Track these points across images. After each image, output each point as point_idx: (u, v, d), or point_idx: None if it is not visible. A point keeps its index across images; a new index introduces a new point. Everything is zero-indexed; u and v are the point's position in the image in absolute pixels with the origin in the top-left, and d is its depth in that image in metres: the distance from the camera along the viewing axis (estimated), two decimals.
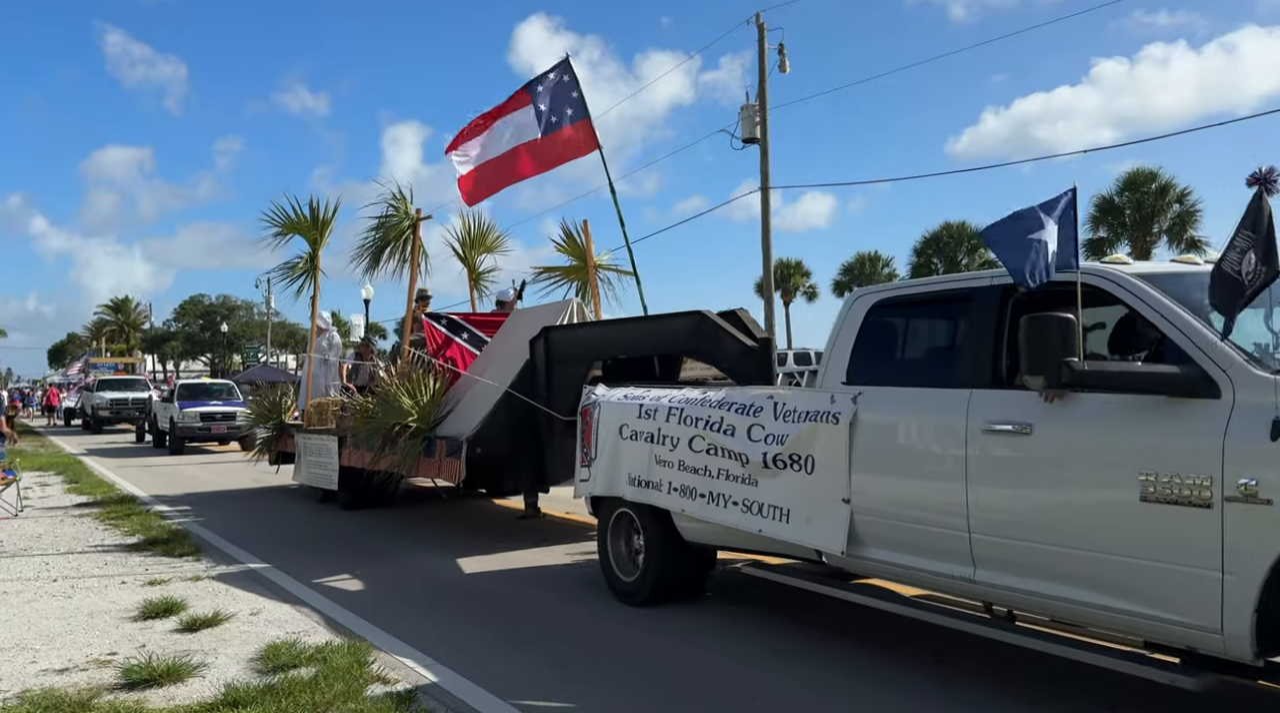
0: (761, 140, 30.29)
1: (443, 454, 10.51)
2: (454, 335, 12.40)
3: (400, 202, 12.43)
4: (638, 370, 10.38)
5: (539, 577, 9.08)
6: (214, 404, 27.79)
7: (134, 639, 6.92)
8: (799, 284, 62.25)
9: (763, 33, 30.32)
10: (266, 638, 6.83)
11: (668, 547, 7.57)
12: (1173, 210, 49.90)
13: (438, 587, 8.79)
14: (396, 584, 8.91)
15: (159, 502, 15.05)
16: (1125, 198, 50.31)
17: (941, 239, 57.56)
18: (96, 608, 7.92)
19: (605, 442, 8.00)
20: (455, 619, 7.57)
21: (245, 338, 74.23)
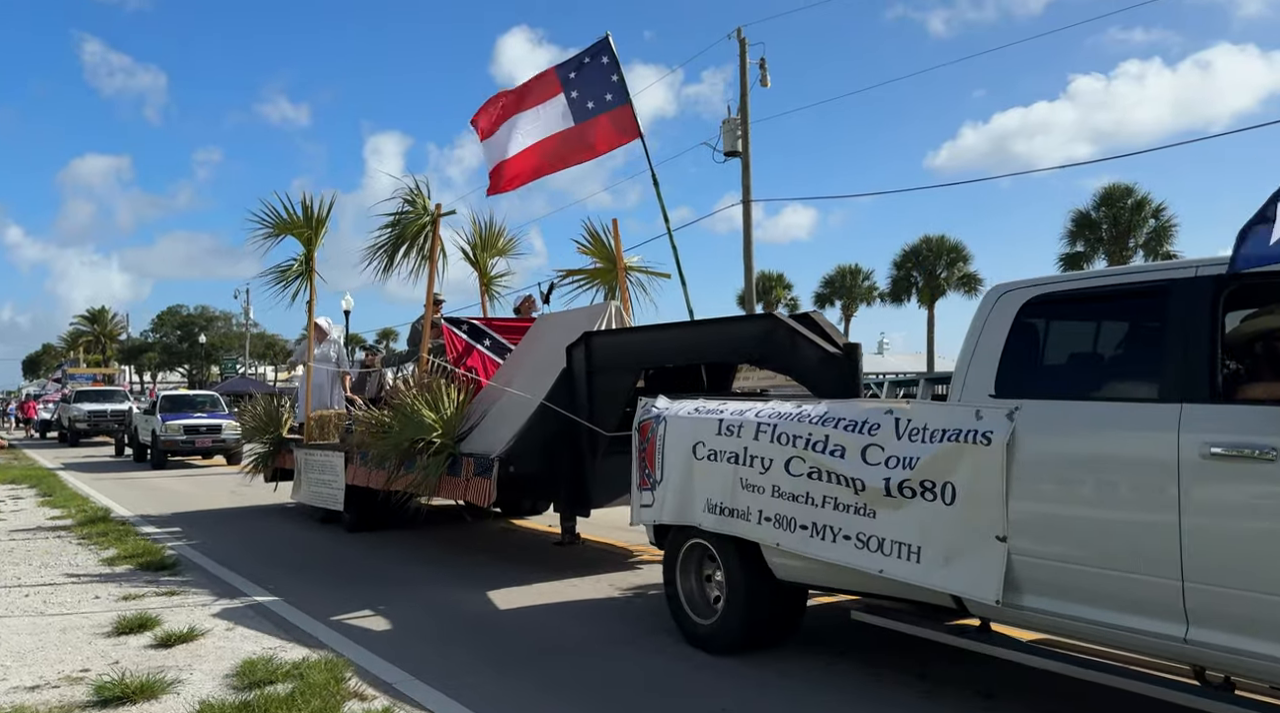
0: (743, 154, 29.90)
1: (470, 473, 9.34)
2: (475, 342, 11.23)
3: (418, 196, 11.22)
4: (681, 380, 9.27)
5: (585, 613, 7.93)
6: (199, 416, 26.37)
7: (107, 656, 6.68)
8: (780, 296, 61.34)
9: (744, 48, 29.91)
10: (242, 654, 6.58)
11: (756, 585, 6.43)
12: (1149, 225, 49.83)
13: (468, 624, 7.65)
14: (412, 618, 7.80)
15: (145, 521, 13.76)
16: (1102, 213, 50.16)
17: (921, 252, 56.90)
18: (70, 624, 7.60)
19: (674, 462, 6.87)
20: (491, 669, 6.41)
21: (223, 349, 72.36)
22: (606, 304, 9.80)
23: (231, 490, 18.90)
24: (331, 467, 12.09)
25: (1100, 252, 50.14)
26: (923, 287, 56.69)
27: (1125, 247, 49.56)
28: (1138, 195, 49.94)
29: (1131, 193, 50.10)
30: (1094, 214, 50.45)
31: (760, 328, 7.45)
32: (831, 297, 59.83)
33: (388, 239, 11.28)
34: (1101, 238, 50.28)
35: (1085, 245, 50.68)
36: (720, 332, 7.93)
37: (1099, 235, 50.32)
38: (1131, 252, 49.49)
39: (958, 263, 56.65)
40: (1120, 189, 50.24)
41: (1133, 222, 49.93)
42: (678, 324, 8.18)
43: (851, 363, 7.01)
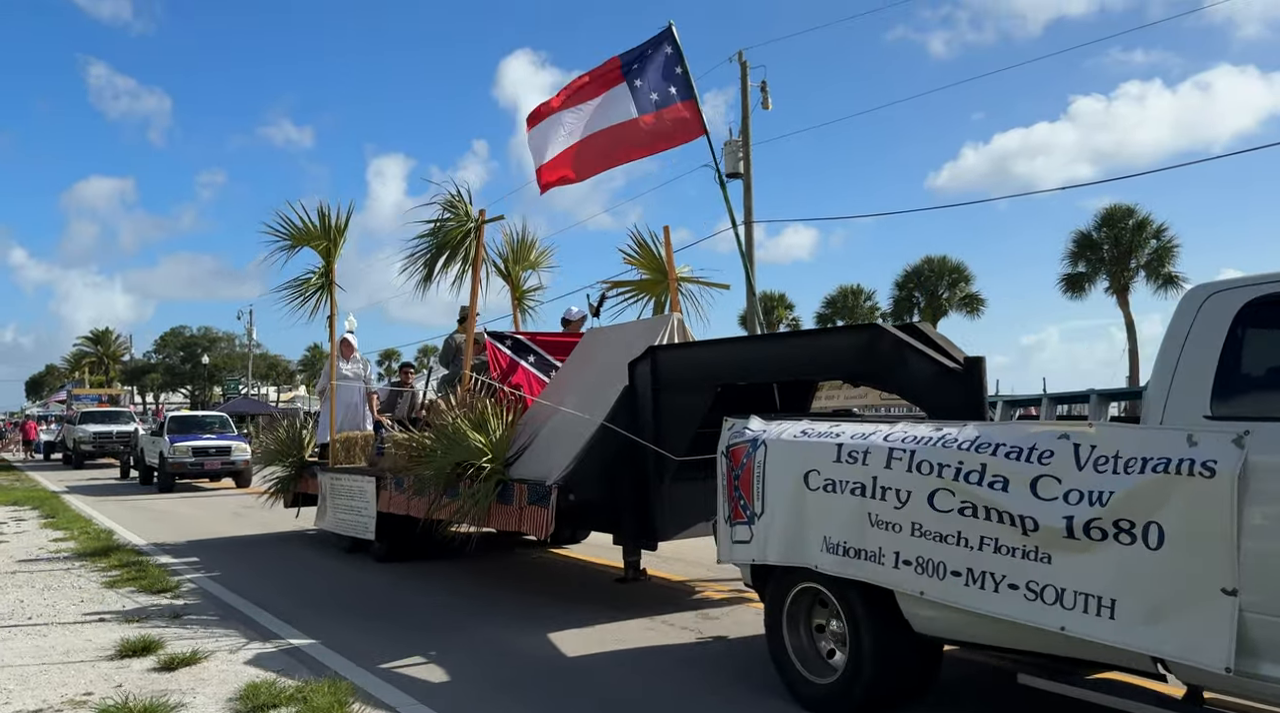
0: (745, 175, 29.66)
1: (523, 501, 8.37)
2: (520, 358, 10.27)
3: (459, 202, 10.26)
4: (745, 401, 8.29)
5: (657, 662, 6.93)
6: (208, 438, 25.34)
7: (110, 679, 6.54)
8: (782, 316, 60.45)
9: (745, 70, 29.77)
10: (245, 678, 6.41)
11: (887, 638, 5.45)
12: (1150, 246, 49.17)
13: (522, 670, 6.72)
14: (457, 663, 6.90)
15: (159, 550, 12.73)
16: (1103, 233, 49.62)
17: (923, 273, 56.17)
18: (73, 647, 7.45)
19: (779, 493, 5.91)
20: None
21: (226, 370, 71.13)
22: (668, 316, 8.86)
23: (235, 513, 18.39)
24: (361, 493, 11.10)
25: (1102, 272, 49.55)
26: (924, 307, 55.86)
27: (1127, 267, 49.01)
28: (1139, 216, 49.40)
29: (1133, 213, 49.54)
30: (1095, 235, 49.92)
31: (861, 340, 6.50)
32: (833, 317, 58.89)
33: (427, 248, 10.30)
34: (1103, 258, 49.72)
35: (1087, 266, 50.12)
36: (813, 345, 6.99)
37: (1100, 256, 49.77)
38: (1133, 272, 48.97)
39: (959, 283, 55.91)
40: (1121, 210, 49.70)
41: (1134, 242, 49.36)
42: (762, 337, 7.25)
43: (974, 379, 6.08)
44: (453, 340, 12.01)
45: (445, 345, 12.08)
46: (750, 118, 29.93)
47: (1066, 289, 50.86)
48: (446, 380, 11.20)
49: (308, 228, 11.93)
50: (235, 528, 15.84)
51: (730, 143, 30.17)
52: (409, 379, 12.64)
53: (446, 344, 12.05)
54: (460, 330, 12.15)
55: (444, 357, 12.05)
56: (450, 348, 11.97)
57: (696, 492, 8.19)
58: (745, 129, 29.76)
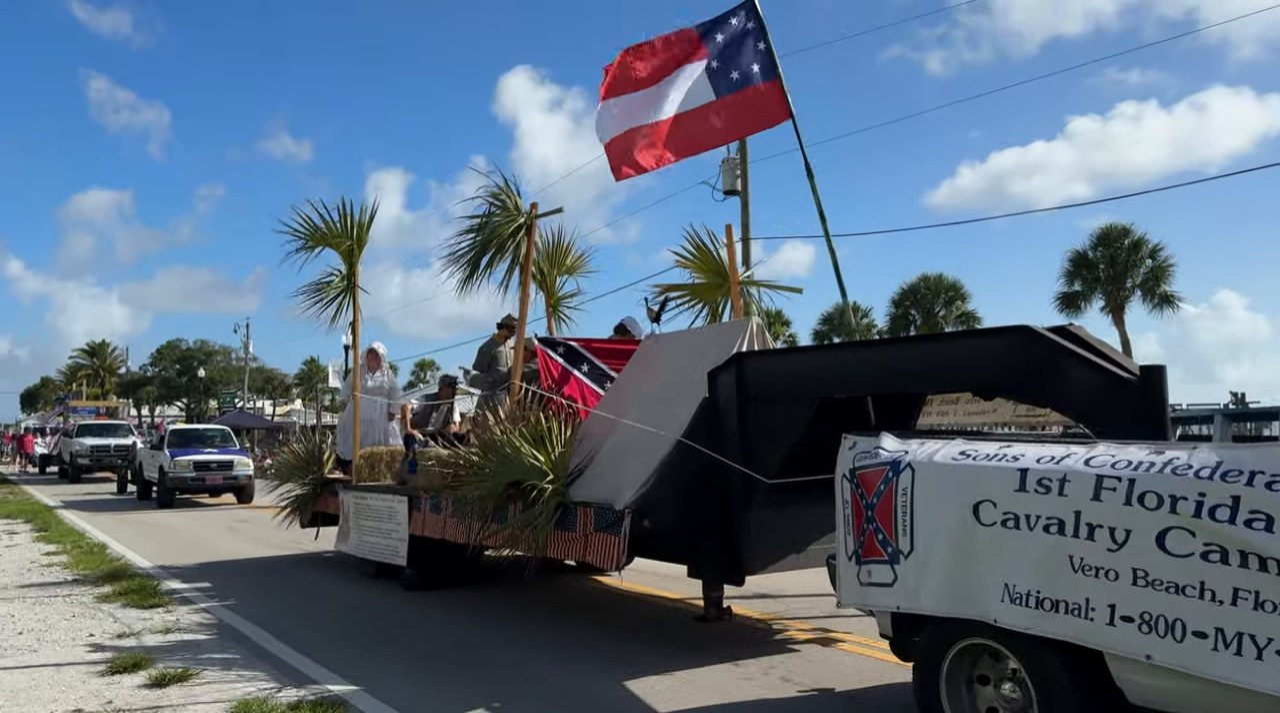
0: (742, 193, 28.99)
1: (589, 527, 7.26)
2: (572, 367, 9.16)
3: (508, 195, 9.14)
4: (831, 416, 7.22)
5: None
6: (209, 452, 24.08)
7: (100, 695, 6.37)
8: (779, 333, 59.31)
9: None
10: (238, 694, 6.22)
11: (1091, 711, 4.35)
12: (1145, 265, 48.54)
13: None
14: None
15: (168, 574, 11.53)
16: (1099, 253, 48.91)
17: (919, 291, 55.28)
18: (63, 662, 7.25)
19: (935, 527, 4.83)
20: None
21: (222, 383, 69.57)
22: (745, 320, 7.76)
23: (230, 527, 17.68)
24: (391, 514, 9.96)
25: (1098, 291, 48.84)
26: (921, 325, 54.96)
27: (1123, 287, 48.39)
28: (1135, 236, 48.73)
29: (1129, 233, 48.89)
30: (1091, 254, 49.23)
31: (1007, 345, 5.44)
32: (830, 334, 57.86)
33: (471, 246, 9.17)
34: (1099, 278, 49.02)
35: (1083, 285, 49.37)
36: (946, 351, 5.90)
37: (1096, 275, 49.07)
38: (1129, 292, 48.33)
39: (956, 301, 55.02)
40: (1117, 229, 49.05)
41: (1130, 262, 48.75)
42: (879, 343, 6.18)
43: (1153, 392, 5.05)
44: (490, 347, 10.91)
45: (480, 353, 10.95)
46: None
47: (1062, 308, 49.99)
48: (489, 391, 10.07)
49: (328, 227, 10.82)
50: (234, 543, 14.91)
51: (728, 160, 29.46)
52: (448, 394, 11.44)
53: (482, 352, 10.93)
54: (498, 336, 11.05)
55: (479, 364, 10.92)
56: (485, 355, 10.86)
57: (786, 519, 7.14)
58: (743, 146, 29.20)
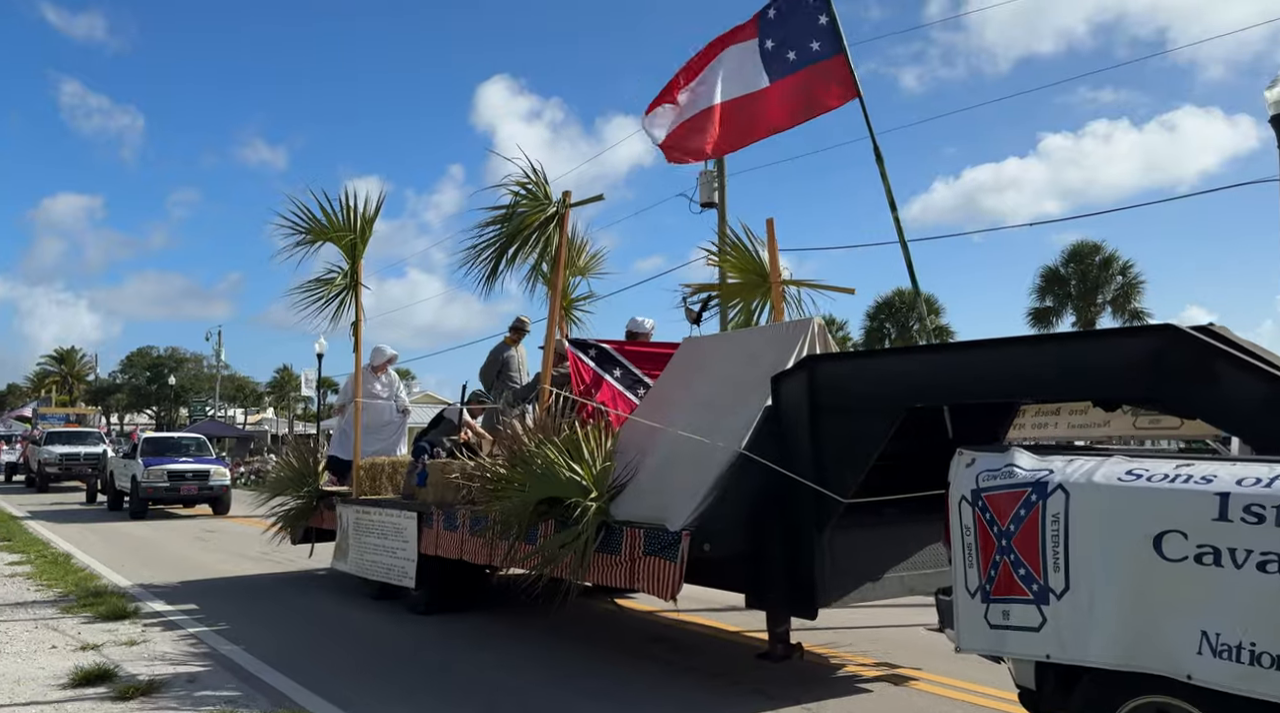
0: (719, 205, 28.44)
1: (637, 551, 6.35)
2: (604, 371, 8.25)
3: (537, 183, 8.21)
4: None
5: None
6: (184, 461, 22.85)
7: (63, 709, 6.08)
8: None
9: None
10: (203, 709, 6.00)
11: None
12: (1116, 282, 48.46)
13: None
14: None
15: (151, 595, 10.47)
16: (1070, 269, 48.83)
17: (894, 304, 54.83)
18: (24, 675, 6.92)
19: (1098, 561, 4.00)
20: None
21: (193, 391, 67.70)
22: (806, 320, 6.90)
23: (206, 540, 16.76)
24: (398, 531, 9.00)
25: (1069, 307, 48.67)
26: (895, 338, 54.50)
27: (1093, 303, 48.23)
28: (1105, 252, 48.70)
29: (1099, 250, 48.86)
30: (1063, 270, 49.17)
31: (1150, 347, 4.62)
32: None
33: (496, 237, 8.23)
34: (1070, 294, 48.92)
35: (1054, 301, 49.22)
36: (1072, 354, 5.05)
37: (1068, 291, 48.98)
38: (1100, 308, 48.15)
39: (930, 316, 54.65)
40: (1088, 246, 49.01)
41: (1100, 278, 48.72)
42: (988, 344, 5.33)
43: None
44: (500, 352, 10.00)
45: (489, 358, 10.02)
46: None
47: (1034, 323, 49.73)
48: (518, 397, 9.14)
49: (331, 220, 9.87)
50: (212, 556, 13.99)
51: (705, 172, 29.04)
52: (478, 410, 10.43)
53: (491, 356, 10.00)
54: (509, 340, 10.14)
55: (486, 370, 9.98)
56: (495, 361, 9.94)
57: (860, 543, 6.28)
58: (720, 160, 28.83)
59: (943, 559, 6.65)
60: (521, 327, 10.18)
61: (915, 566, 6.48)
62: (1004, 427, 6.28)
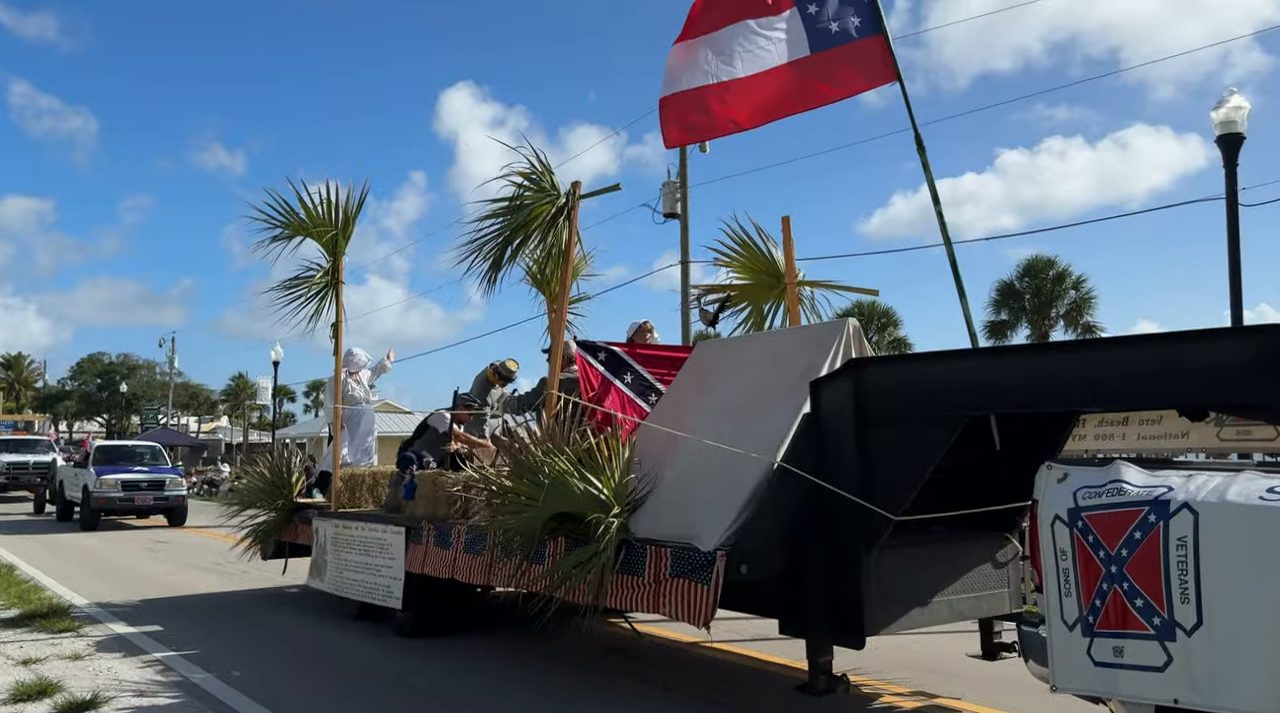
0: (682, 216, 28.12)
1: (663, 572, 5.72)
2: (613, 376, 7.61)
3: (544, 172, 7.54)
4: None
5: None
6: (139, 470, 21.80)
7: None
8: None
9: None
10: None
11: None
12: (1069, 296, 48.82)
13: None
14: None
15: (111, 615, 9.62)
16: (1025, 283, 49.09)
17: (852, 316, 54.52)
18: None
19: (1238, 593, 3.48)
20: None
21: (145, 399, 65.85)
22: (840, 322, 6.34)
23: (162, 553, 15.92)
24: (383, 547, 8.29)
25: (1024, 321, 48.87)
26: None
27: (1047, 317, 48.48)
28: (1059, 267, 49.06)
29: (1053, 265, 49.20)
30: (1018, 284, 49.41)
31: (1259, 348, 4.10)
32: None
33: (497, 231, 7.54)
34: (1024, 307, 49.15)
35: (1009, 314, 49.37)
36: (1163, 356, 4.50)
37: (1022, 305, 49.21)
38: (1053, 322, 48.37)
39: (888, 327, 54.58)
40: (1043, 261, 49.33)
41: (1054, 292, 49.04)
42: (1066, 345, 4.78)
43: None
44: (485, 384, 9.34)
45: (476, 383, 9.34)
46: (689, 159, 28.74)
47: (989, 336, 49.73)
48: (523, 403, 8.46)
49: (311, 215, 9.15)
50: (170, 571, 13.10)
51: (669, 183, 28.72)
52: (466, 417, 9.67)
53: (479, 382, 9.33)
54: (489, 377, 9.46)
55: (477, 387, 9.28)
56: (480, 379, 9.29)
57: (908, 565, 5.70)
58: (683, 171, 28.38)
59: (993, 581, 6.15)
60: (507, 374, 9.42)
61: (964, 588, 5.92)
62: (1061, 437, 5.73)
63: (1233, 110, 11.07)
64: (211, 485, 39.72)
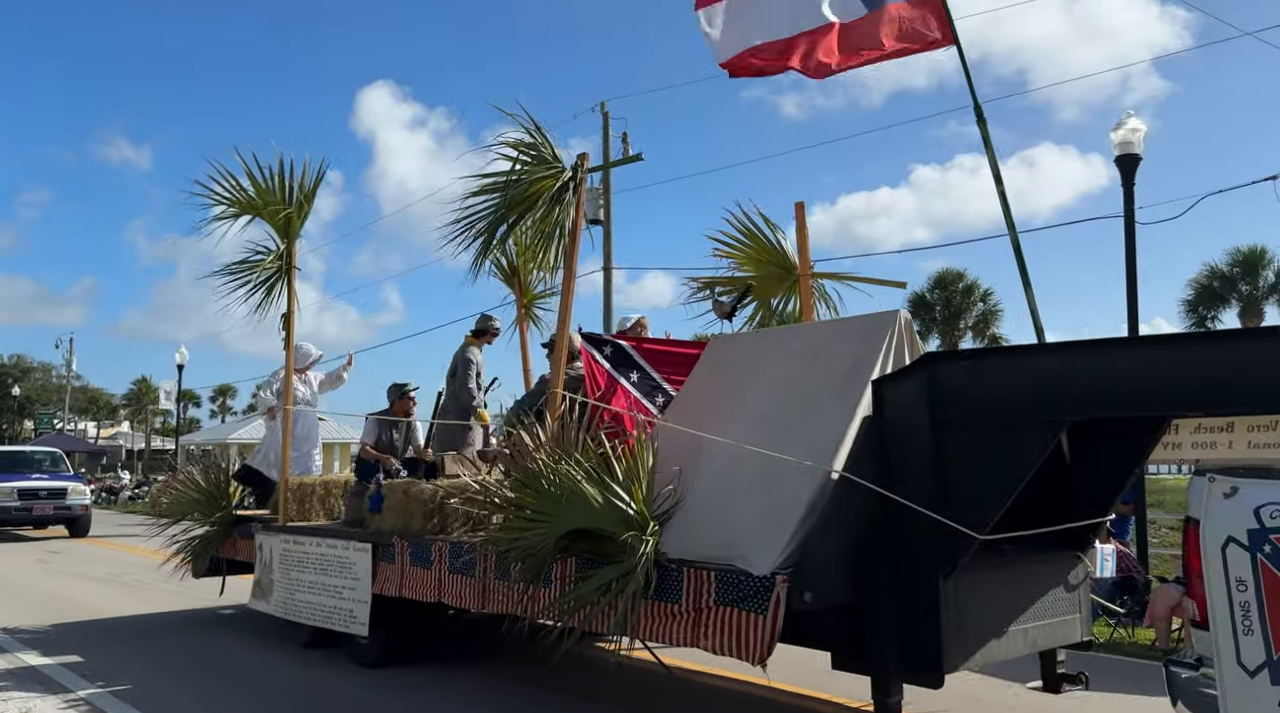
0: (605, 222, 27.66)
1: (705, 599, 4.86)
2: (620, 375, 6.72)
3: (544, 144, 6.56)
4: None
5: None
6: (37, 477, 20.04)
7: None
8: None
9: (607, 120, 27.70)
10: None
11: None
12: (977, 309, 49.74)
13: None
14: None
15: (20, 644, 8.35)
16: (936, 295, 49.78)
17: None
18: None
19: None
20: None
21: (40, 402, 62.25)
22: (891, 315, 5.55)
23: (40, 559, 14.86)
24: (344, 565, 7.25)
25: (934, 332, 49.37)
26: None
27: (957, 328, 49.18)
28: (968, 280, 49.90)
29: (963, 278, 50.02)
30: (929, 296, 50.05)
31: None
32: None
33: (489, 209, 6.57)
34: (935, 319, 49.77)
35: (921, 325, 49.81)
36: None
37: (934, 316, 49.83)
38: (962, 333, 49.11)
39: None
40: (952, 274, 50.13)
41: (963, 305, 49.91)
42: (1201, 337, 4.08)
43: None
44: (473, 356, 8.37)
45: (465, 363, 8.36)
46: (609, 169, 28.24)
47: None
48: (520, 405, 7.48)
49: (261, 192, 8.08)
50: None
51: (592, 190, 28.17)
52: (410, 407, 8.68)
53: (466, 361, 8.35)
54: (471, 342, 8.51)
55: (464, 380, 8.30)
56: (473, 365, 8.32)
57: (984, 589, 4.94)
58: (606, 177, 27.87)
59: (1065, 606, 5.43)
60: (488, 328, 8.53)
61: (1038, 615, 5.19)
62: (1148, 445, 5.06)
63: (1130, 132, 11.25)
64: (111, 493, 37.49)
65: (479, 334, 8.47)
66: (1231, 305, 40.38)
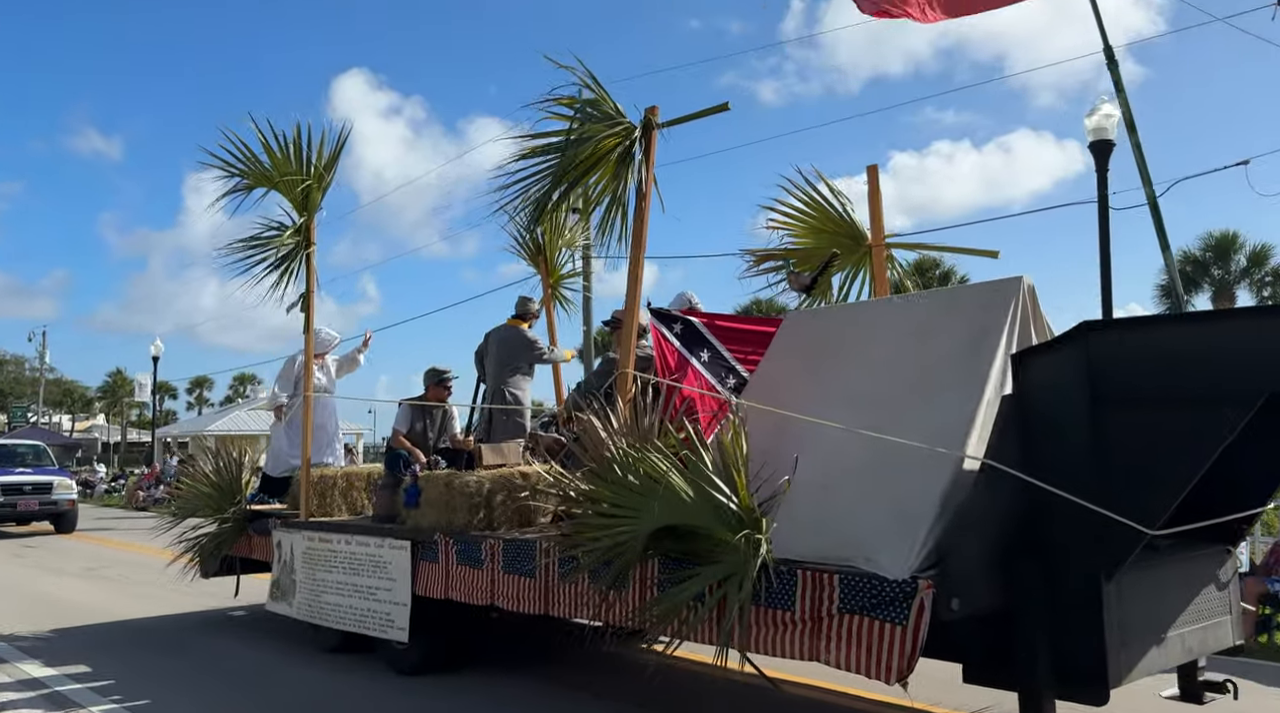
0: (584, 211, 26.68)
1: (826, 606, 4.18)
2: (690, 353, 6.00)
3: (601, 97, 5.73)
4: None
5: None
6: (21, 472, 19.05)
7: None
8: None
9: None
10: None
11: None
12: None
13: None
14: None
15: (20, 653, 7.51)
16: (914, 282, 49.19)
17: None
18: None
19: None
20: None
21: (13, 396, 60.42)
22: (1014, 281, 4.84)
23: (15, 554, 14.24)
24: (377, 564, 6.51)
25: None
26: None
27: None
28: (945, 267, 49.48)
29: (939, 264, 49.57)
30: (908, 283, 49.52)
31: None
32: None
33: (546, 169, 5.80)
34: None
35: None
36: None
37: None
38: None
39: None
40: (929, 261, 49.61)
41: None
42: None
43: None
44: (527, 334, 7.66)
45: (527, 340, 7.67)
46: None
47: None
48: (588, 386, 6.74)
49: (277, 162, 7.30)
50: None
51: None
52: (445, 396, 7.87)
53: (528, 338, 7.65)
54: (515, 324, 7.76)
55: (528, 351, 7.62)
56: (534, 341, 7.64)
57: (1143, 591, 4.30)
58: None
59: (1217, 607, 4.78)
60: (529, 311, 7.78)
61: (1194, 618, 4.54)
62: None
63: (1104, 118, 11.03)
64: (87, 487, 36.32)
65: (521, 317, 7.73)
66: (1204, 289, 40.29)
